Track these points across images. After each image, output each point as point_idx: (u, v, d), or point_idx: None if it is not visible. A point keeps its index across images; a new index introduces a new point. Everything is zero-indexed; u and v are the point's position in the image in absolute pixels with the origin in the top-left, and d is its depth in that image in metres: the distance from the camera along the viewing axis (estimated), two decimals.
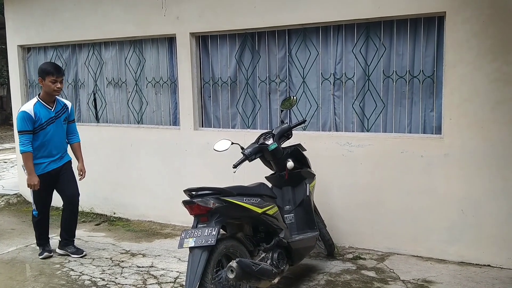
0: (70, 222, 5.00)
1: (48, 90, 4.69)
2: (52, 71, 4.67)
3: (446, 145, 4.44)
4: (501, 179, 4.25)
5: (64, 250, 4.98)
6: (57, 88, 4.70)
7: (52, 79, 4.65)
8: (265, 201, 3.74)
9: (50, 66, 4.75)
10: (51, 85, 4.67)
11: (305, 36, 5.13)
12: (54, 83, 4.67)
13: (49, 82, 4.66)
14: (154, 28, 5.86)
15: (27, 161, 4.63)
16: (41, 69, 4.74)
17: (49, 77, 4.65)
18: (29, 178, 4.65)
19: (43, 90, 4.75)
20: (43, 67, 4.75)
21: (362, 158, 4.81)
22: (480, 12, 4.19)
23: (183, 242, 3.31)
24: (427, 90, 4.65)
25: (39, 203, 4.89)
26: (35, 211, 4.92)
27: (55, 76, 4.66)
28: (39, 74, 4.72)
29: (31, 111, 4.62)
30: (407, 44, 4.67)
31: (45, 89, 4.72)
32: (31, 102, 4.73)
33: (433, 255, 4.58)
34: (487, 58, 4.21)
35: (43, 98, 4.75)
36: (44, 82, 4.68)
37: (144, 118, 6.28)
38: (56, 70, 4.70)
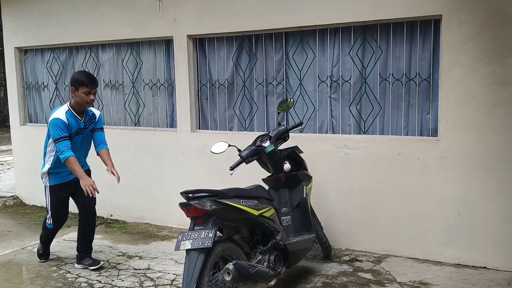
0: (88, 233, 4.72)
1: (81, 101, 4.36)
2: (86, 81, 4.31)
3: (443, 148, 4.45)
4: (497, 182, 4.27)
5: (82, 264, 4.68)
6: (90, 100, 4.37)
7: (86, 90, 4.31)
8: (262, 203, 3.75)
9: (85, 76, 4.36)
10: (84, 96, 4.32)
11: (302, 38, 5.14)
12: (87, 94, 4.33)
13: (83, 94, 4.31)
14: (151, 30, 5.86)
15: (74, 166, 4.25)
16: (74, 78, 4.37)
17: (83, 88, 4.30)
18: (83, 182, 4.21)
19: (74, 100, 4.40)
20: (76, 77, 4.37)
21: (359, 161, 4.82)
22: (476, 15, 4.22)
23: (179, 244, 3.30)
24: (424, 92, 4.67)
25: (56, 216, 4.63)
26: (49, 225, 4.65)
27: (89, 87, 4.33)
28: (71, 84, 4.35)
29: (64, 118, 4.32)
30: (404, 47, 4.69)
31: (77, 99, 4.36)
32: (62, 110, 4.39)
33: (429, 257, 4.59)
34: (483, 61, 4.23)
35: (74, 108, 4.42)
36: (77, 93, 4.33)
37: (141, 120, 6.29)
38: (91, 81, 4.35)
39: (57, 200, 4.58)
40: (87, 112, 4.55)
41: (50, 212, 4.62)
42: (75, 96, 4.36)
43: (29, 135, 7.16)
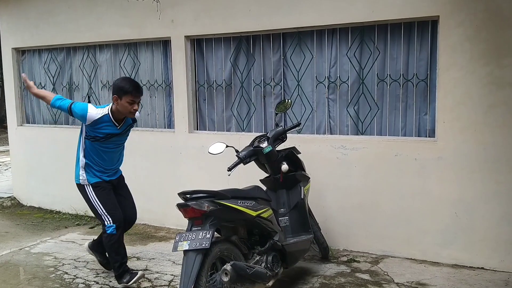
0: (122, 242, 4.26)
1: (123, 110, 4.02)
2: (131, 90, 3.97)
3: (440, 148, 4.46)
4: (494, 182, 4.28)
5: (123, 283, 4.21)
6: (133, 110, 4.04)
7: (130, 99, 3.97)
8: (259, 204, 3.75)
9: (130, 84, 4.01)
10: (128, 106, 3.98)
11: (299, 39, 5.14)
12: (131, 104, 3.99)
13: (126, 103, 3.97)
14: (149, 31, 5.86)
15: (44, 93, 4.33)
16: (118, 86, 4.01)
17: (127, 97, 3.96)
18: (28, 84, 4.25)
19: (115, 107, 4.04)
20: (120, 85, 4.01)
21: (356, 161, 4.83)
22: (473, 16, 4.22)
23: (177, 245, 3.30)
24: (421, 93, 4.68)
25: (113, 211, 4.10)
26: (110, 226, 4.05)
27: (134, 96, 3.99)
28: (114, 92, 4.00)
29: (94, 117, 3.99)
30: (401, 47, 4.70)
31: (119, 108, 4.01)
32: (102, 111, 4.06)
33: (427, 257, 4.60)
34: (480, 62, 4.24)
35: (114, 115, 4.07)
36: (120, 102, 3.98)
37: (139, 121, 6.26)
38: (136, 89, 4.01)
39: (104, 196, 4.12)
40: (127, 120, 4.22)
41: (105, 213, 4.10)
42: (117, 105, 4.01)
43: (27, 136, 7.15)
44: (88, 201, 4.15)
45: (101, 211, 4.09)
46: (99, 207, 4.10)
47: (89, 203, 4.15)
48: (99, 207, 4.10)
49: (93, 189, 4.13)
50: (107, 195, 4.16)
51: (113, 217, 4.07)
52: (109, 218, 4.06)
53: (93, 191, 4.13)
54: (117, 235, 4.09)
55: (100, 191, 4.13)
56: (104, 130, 4.06)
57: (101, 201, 4.11)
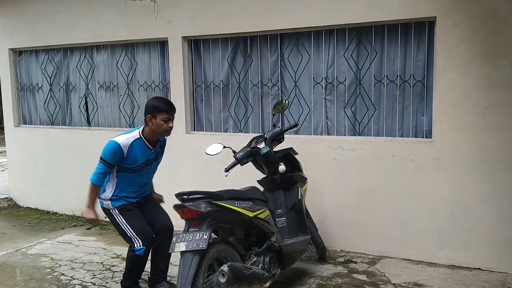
0: (166, 254, 4.03)
1: (159, 130, 3.86)
2: (165, 108, 3.84)
3: (437, 149, 4.47)
4: (490, 183, 4.28)
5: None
6: (169, 128, 3.87)
7: (165, 117, 3.83)
8: (256, 205, 3.75)
9: (163, 103, 3.88)
10: (163, 124, 3.83)
11: (297, 40, 5.15)
12: (166, 121, 3.84)
13: (161, 121, 3.82)
14: (146, 32, 5.86)
15: (92, 192, 3.89)
16: (151, 106, 3.87)
17: (162, 115, 3.82)
18: (87, 212, 3.89)
19: (149, 128, 3.88)
20: (154, 104, 3.87)
21: (354, 162, 4.83)
22: (470, 17, 4.23)
23: (174, 246, 3.30)
24: (418, 94, 4.68)
25: (142, 232, 3.88)
26: (140, 248, 3.82)
27: (169, 114, 3.86)
28: (147, 111, 3.85)
29: (126, 147, 3.81)
30: (398, 48, 4.71)
31: (153, 128, 3.86)
32: (131, 137, 3.88)
33: (423, 258, 4.60)
34: (477, 63, 4.25)
35: (147, 137, 3.91)
36: (155, 121, 3.82)
37: (136, 122, 6.27)
38: (170, 107, 3.89)
39: (131, 216, 3.94)
40: (159, 141, 4.08)
41: (134, 234, 3.88)
42: (152, 124, 3.85)
43: (24, 137, 7.13)
44: (116, 224, 3.98)
45: (130, 233, 3.88)
46: (128, 230, 3.90)
47: (117, 226, 3.98)
48: (128, 230, 3.90)
49: (119, 212, 3.94)
50: (135, 215, 3.96)
51: (142, 239, 3.86)
52: (138, 241, 3.84)
53: (119, 214, 3.94)
54: (145, 257, 3.92)
55: (127, 212, 3.94)
56: (139, 156, 3.89)
57: (129, 223, 3.91)
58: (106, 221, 6.26)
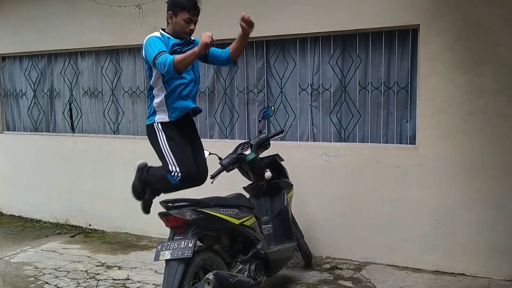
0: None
1: (179, 29, 3.54)
2: (189, 6, 3.49)
3: (420, 155, 4.51)
4: (473, 189, 4.33)
5: None
6: (189, 31, 3.55)
7: (187, 17, 3.50)
8: (242, 212, 3.74)
9: (188, 0, 3.51)
10: (183, 24, 3.51)
11: (283, 47, 5.17)
12: (188, 22, 3.52)
13: (182, 20, 3.50)
14: (131, 38, 5.83)
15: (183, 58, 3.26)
16: (174, 1, 3.53)
17: (183, 14, 3.49)
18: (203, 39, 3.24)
19: (170, 28, 3.59)
20: (177, 0, 3.52)
21: (339, 168, 4.85)
22: (453, 25, 4.29)
23: (159, 255, 3.28)
24: (402, 101, 4.73)
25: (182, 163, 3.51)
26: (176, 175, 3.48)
27: (192, 14, 3.51)
28: (169, 7, 3.54)
29: (159, 37, 3.52)
30: (382, 56, 4.75)
31: (174, 27, 3.56)
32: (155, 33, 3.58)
33: (408, 264, 4.63)
34: (460, 71, 4.30)
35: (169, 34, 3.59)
36: (175, 19, 3.52)
37: (121, 128, 6.23)
38: (194, 5, 3.52)
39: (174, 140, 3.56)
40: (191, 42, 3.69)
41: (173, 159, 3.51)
42: (172, 23, 3.56)
43: (7, 144, 7.04)
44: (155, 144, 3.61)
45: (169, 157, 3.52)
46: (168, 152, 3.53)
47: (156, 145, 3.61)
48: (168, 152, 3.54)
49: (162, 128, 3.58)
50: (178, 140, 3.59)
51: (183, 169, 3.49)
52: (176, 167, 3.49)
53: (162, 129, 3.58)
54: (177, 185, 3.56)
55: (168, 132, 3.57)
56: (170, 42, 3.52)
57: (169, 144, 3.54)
58: (91, 229, 6.23)
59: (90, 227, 6.30)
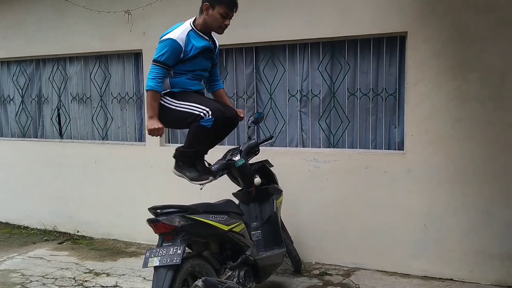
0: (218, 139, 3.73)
1: (212, 23, 3.45)
2: (228, 1, 3.41)
3: (409, 161, 4.53)
4: (461, 195, 4.36)
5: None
6: (224, 26, 3.47)
7: (224, 12, 3.40)
8: (231, 218, 3.73)
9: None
10: (219, 18, 3.42)
11: (272, 53, 5.18)
12: (224, 17, 3.43)
13: (218, 15, 3.41)
14: (120, 43, 5.81)
15: (152, 100, 3.35)
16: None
17: (221, 7, 3.39)
18: (150, 122, 3.37)
19: (202, 19, 3.46)
20: None
21: (328, 174, 4.86)
22: (440, 32, 4.33)
23: (147, 261, 3.25)
24: (391, 107, 4.76)
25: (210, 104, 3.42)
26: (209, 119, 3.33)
27: (230, 9, 3.43)
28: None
29: (183, 42, 3.37)
30: (371, 62, 4.78)
31: (207, 20, 3.44)
32: (182, 29, 3.43)
33: (397, 269, 4.64)
34: (447, 77, 4.34)
35: (200, 28, 3.48)
36: (212, 12, 3.40)
37: (109, 134, 6.20)
38: (233, 2, 3.45)
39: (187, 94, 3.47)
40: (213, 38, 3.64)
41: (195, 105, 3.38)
42: (207, 15, 3.43)
43: None
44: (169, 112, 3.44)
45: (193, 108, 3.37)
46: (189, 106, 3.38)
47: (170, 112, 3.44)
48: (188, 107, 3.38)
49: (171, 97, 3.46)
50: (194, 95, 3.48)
51: (212, 110, 3.34)
52: (208, 111, 3.33)
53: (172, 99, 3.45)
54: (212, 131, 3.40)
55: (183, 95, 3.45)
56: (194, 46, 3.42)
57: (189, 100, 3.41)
58: (79, 236, 6.17)
59: (78, 234, 6.25)
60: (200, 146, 3.53)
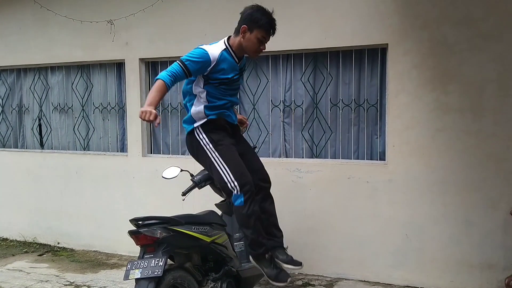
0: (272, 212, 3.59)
1: (248, 47, 3.37)
2: (267, 26, 3.31)
3: (390, 171, 4.58)
4: (442, 205, 4.41)
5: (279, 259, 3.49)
6: (260, 50, 3.39)
7: (262, 36, 3.33)
8: (214, 230, 3.71)
9: (266, 17, 3.32)
10: (256, 42, 3.34)
11: (255, 64, 5.20)
12: (261, 42, 3.36)
13: (256, 39, 3.32)
14: (102, 53, 5.79)
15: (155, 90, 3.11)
16: (252, 16, 3.32)
17: (260, 32, 3.31)
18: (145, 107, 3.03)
19: (238, 40, 3.38)
20: (256, 15, 3.32)
21: (311, 184, 4.88)
22: (420, 44, 4.40)
23: (128, 274, 3.22)
24: (372, 118, 4.81)
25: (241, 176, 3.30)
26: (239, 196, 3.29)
27: (268, 34, 3.36)
28: (245, 21, 3.34)
29: (214, 58, 3.28)
30: (353, 73, 4.84)
31: (244, 42, 3.36)
32: (219, 47, 3.36)
33: (379, 279, 4.67)
34: (427, 88, 4.41)
35: (235, 48, 3.40)
36: (249, 35, 3.32)
37: (91, 145, 6.14)
38: (272, 26, 3.35)
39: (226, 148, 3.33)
40: (242, 61, 3.54)
41: (229, 172, 3.30)
42: (243, 38, 3.35)
43: None
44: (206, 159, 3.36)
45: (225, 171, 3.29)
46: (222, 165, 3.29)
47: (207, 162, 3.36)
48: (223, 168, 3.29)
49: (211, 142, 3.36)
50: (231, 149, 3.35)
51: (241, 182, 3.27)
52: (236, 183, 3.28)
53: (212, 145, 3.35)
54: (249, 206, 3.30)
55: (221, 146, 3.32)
56: (227, 67, 3.36)
57: (224, 158, 3.29)
58: (59, 247, 6.08)
59: (59, 245, 6.15)
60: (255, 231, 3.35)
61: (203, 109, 3.41)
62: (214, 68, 3.29)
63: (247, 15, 3.36)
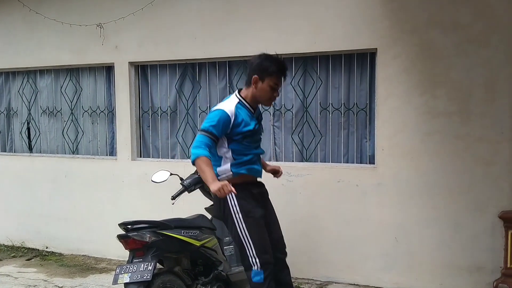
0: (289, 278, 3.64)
1: (261, 96, 3.34)
2: (278, 72, 3.28)
3: (379, 175, 4.60)
4: (431, 208, 4.44)
5: None
6: (274, 97, 3.37)
7: (274, 83, 3.29)
8: (204, 233, 3.71)
9: (276, 64, 3.28)
10: (269, 91, 3.30)
11: (245, 67, 5.21)
12: (274, 89, 3.32)
13: (268, 87, 3.29)
14: (92, 57, 5.76)
15: (204, 166, 3.10)
16: (261, 65, 3.29)
17: (272, 79, 3.28)
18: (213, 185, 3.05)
19: (250, 91, 3.35)
20: (265, 64, 3.28)
21: (301, 188, 4.89)
22: (409, 49, 4.44)
23: (117, 278, 3.21)
24: (362, 121, 4.83)
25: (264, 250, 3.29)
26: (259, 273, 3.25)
27: (280, 80, 3.33)
28: (255, 71, 3.30)
29: (232, 114, 3.23)
30: (342, 78, 4.86)
31: (256, 92, 3.32)
32: (232, 101, 3.32)
33: (369, 282, 4.68)
34: (416, 92, 4.44)
35: (249, 100, 3.36)
36: (261, 85, 3.29)
37: (80, 148, 6.11)
38: (283, 70, 3.33)
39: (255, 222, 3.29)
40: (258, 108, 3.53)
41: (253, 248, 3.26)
42: (255, 88, 3.31)
43: None
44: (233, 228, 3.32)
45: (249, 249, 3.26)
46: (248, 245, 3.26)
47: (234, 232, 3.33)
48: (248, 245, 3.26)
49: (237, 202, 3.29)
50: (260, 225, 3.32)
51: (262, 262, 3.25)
52: (257, 263, 3.24)
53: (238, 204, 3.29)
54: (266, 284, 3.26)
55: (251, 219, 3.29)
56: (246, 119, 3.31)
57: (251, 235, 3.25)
58: (48, 252, 6.03)
59: (47, 250, 6.10)
60: None
61: (229, 167, 3.37)
62: (234, 123, 3.26)
63: (256, 65, 3.33)
